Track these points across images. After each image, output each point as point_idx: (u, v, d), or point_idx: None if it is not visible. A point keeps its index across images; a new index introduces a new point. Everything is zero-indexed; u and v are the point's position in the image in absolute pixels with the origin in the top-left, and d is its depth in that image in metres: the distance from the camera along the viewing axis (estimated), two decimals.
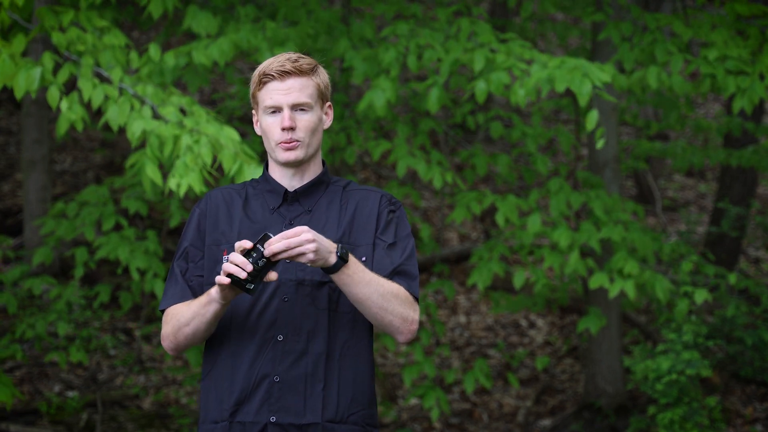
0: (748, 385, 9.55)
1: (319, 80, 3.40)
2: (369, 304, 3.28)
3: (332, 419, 3.34)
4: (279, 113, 3.36)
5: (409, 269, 3.39)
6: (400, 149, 7.46)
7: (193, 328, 3.32)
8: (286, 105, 3.35)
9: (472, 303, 11.00)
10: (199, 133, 5.58)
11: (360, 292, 3.26)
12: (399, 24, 7.24)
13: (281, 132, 3.36)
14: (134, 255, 7.21)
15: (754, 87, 6.95)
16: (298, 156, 3.38)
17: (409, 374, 7.84)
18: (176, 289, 3.40)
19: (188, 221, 3.48)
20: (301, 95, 3.35)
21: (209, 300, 3.26)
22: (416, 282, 3.39)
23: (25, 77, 5.45)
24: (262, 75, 3.37)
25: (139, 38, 14.15)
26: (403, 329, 3.34)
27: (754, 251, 11.89)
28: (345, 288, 3.27)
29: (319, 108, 3.40)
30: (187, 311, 3.31)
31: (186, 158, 5.47)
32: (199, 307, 3.28)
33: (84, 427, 8.55)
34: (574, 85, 6.34)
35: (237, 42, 6.65)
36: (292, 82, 3.35)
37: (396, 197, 7.92)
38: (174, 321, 3.35)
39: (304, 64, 3.37)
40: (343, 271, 3.23)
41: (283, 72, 3.34)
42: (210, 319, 3.29)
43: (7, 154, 12.22)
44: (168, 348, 3.39)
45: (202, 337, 3.35)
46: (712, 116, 14.41)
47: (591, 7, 8.23)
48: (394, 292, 3.31)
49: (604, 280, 7.41)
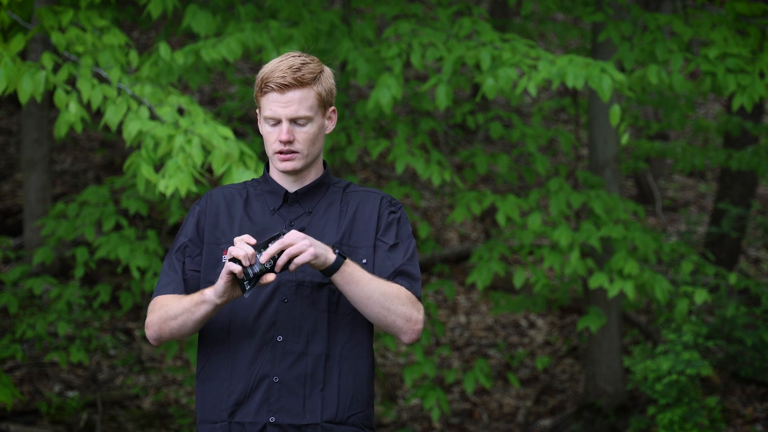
0: (748, 385, 9.55)
1: (321, 89, 3.37)
2: (370, 303, 3.28)
3: (331, 420, 3.34)
4: (278, 125, 3.36)
5: (411, 270, 3.39)
6: (399, 148, 7.46)
7: (179, 323, 3.31)
8: (285, 118, 3.34)
9: (472, 303, 10.99)
10: (192, 133, 5.57)
11: (361, 291, 3.26)
12: (401, 23, 7.24)
13: (279, 143, 3.36)
14: (134, 254, 7.21)
15: (754, 85, 6.95)
16: (296, 167, 3.38)
17: (410, 374, 7.84)
18: (170, 280, 3.40)
19: (187, 218, 3.48)
20: (300, 108, 3.34)
21: (202, 300, 3.25)
22: (418, 283, 3.39)
23: (30, 82, 5.44)
24: (263, 84, 3.35)
25: (139, 38, 14.15)
26: (406, 329, 3.33)
27: (754, 251, 11.89)
28: (346, 287, 3.26)
29: (320, 116, 3.39)
30: (177, 306, 3.31)
31: (178, 159, 5.47)
32: (190, 305, 3.28)
33: (84, 427, 8.55)
34: (593, 81, 6.33)
35: (243, 41, 6.66)
36: (292, 95, 3.33)
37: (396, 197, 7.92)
38: (162, 312, 3.33)
39: (306, 73, 3.34)
40: (344, 270, 3.23)
41: (282, 85, 3.32)
42: (199, 319, 3.29)
43: (7, 154, 12.22)
44: (150, 336, 3.37)
45: (187, 334, 3.34)
46: (712, 116, 14.41)
47: (591, 7, 8.23)
48: (396, 292, 3.31)
49: (604, 280, 7.41)
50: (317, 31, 7.30)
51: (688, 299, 7.81)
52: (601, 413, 8.92)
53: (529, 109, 14.14)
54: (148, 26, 8.62)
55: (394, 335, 3.35)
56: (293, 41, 6.83)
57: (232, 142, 5.61)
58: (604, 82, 6.33)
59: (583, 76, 6.36)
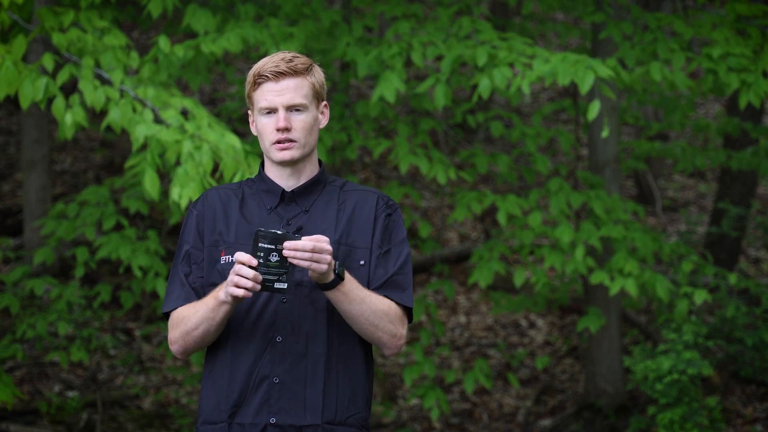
0: (748, 385, 9.55)
1: (314, 80, 3.38)
2: (361, 321, 3.30)
3: (331, 421, 3.34)
4: (274, 114, 3.36)
5: (402, 280, 3.39)
6: (401, 147, 7.46)
7: (202, 331, 3.31)
8: (281, 106, 3.34)
9: (472, 303, 11.00)
10: (201, 139, 5.56)
11: (353, 309, 3.27)
12: (401, 23, 7.24)
13: (276, 132, 3.35)
14: (136, 254, 7.21)
15: (758, 82, 6.95)
16: (294, 156, 3.37)
17: (410, 374, 7.84)
18: (180, 292, 3.39)
19: (185, 223, 3.47)
20: (296, 96, 3.34)
21: (218, 303, 3.25)
22: (409, 292, 3.40)
23: (30, 87, 5.43)
24: (256, 76, 3.36)
25: (139, 38, 14.15)
26: (390, 345, 3.36)
27: (754, 251, 11.89)
28: (338, 305, 3.27)
29: (314, 107, 3.39)
30: (194, 316, 3.30)
31: (187, 165, 5.46)
32: (208, 311, 3.27)
33: (84, 427, 8.55)
34: (577, 77, 6.36)
35: (244, 36, 6.67)
36: (287, 83, 3.34)
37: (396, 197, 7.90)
38: (182, 326, 3.33)
39: (299, 63, 3.35)
40: (339, 289, 3.25)
41: (277, 73, 3.33)
42: (220, 321, 3.29)
43: (7, 154, 12.22)
44: (177, 352, 3.38)
45: (212, 340, 3.35)
46: (712, 117, 14.41)
47: (591, 7, 8.23)
48: (385, 309, 3.33)
49: (605, 278, 7.42)
50: (317, 29, 7.30)
51: (688, 299, 7.81)
52: (601, 413, 8.93)
53: (530, 109, 14.15)
54: (148, 26, 8.62)
55: (378, 347, 3.38)
56: (293, 39, 6.84)
57: (239, 150, 5.60)
58: (586, 78, 6.37)
59: (570, 73, 6.39)
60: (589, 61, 6.45)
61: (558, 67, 6.44)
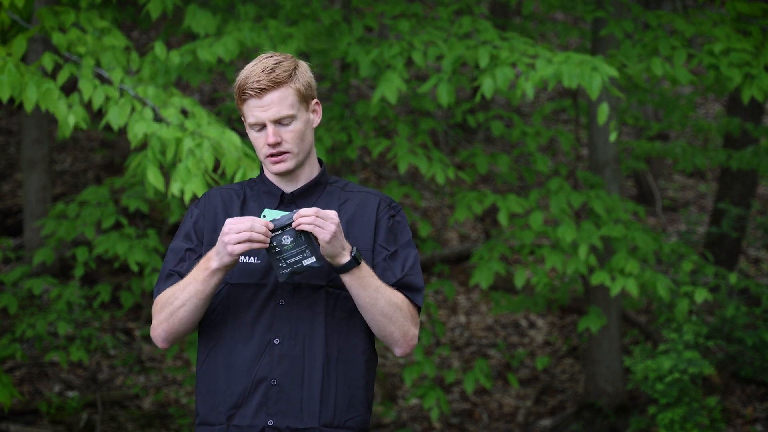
0: (748, 385, 9.55)
1: (299, 84, 3.35)
2: (374, 310, 3.28)
3: (329, 424, 3.33)
4: (263, 129, 3.35)
5: (413, 281, 3.39)
6: (400, 147, 7.46)
7: (190, 308, 3.27)
8: (268, 121, 3.33)
9: (472, 303, 11.00)
10: (201, 136, 5.55)
11: (367, 296, 3.26)
12: (401, 22, 7.24)
13: (268, 147, 3.35)
14: (133, 250, 7.21)
15: (761, 76, 6.93)
16: (289, 167, 3.37)
17: (410, 374, 7.84)
18: (170, 282, 3.37)
19: (185, 219, 3.47)
20: (282, 108, 3.33)
21: (209, 273, 3.23)
22: (421, 294, 3.40)
23: (35, 90, 5.42)
24: (240, 92, 3.34)
25: (139, 38, 14.15)
26: (402, 343, 3.35)
27: (754, 251, 11.89)
28: (353, 290, 3.27)
29: (303, 111, 3.37)
30: (182, 292, 3.28)
31: (188, 162, 5.45)
32: (198, 284, 3.25)
33: (84, 427, 8.55)
34: (583, 80, 6.33)
35: (241, 40, 6.65)
36: (271, 97, 3.32)
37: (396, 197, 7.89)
38: (168, 307, 3.30)
39: (281, 72, 3.32)
40: (354, 272, 3.24)
41: (259, 89, 3.31)
42: (209, 294, 3.26)
43: (7, 154, 12.22)
44: (160, 337, 3.34)
45: (197, 320, 3.31)
46: (712, 117, 14.41)
47: (592, 5, 8.23)
48: (399, 303, 3.32)
49: (606, 278, 7.41)
50: (317, 29, 7.30)
51: (689, 299, 7.81)
52: (601, 413, 8.93)
53: (530, 108, 14.15)
54: (148, 26, 8.62)
55: (389, 345, 3.36)
56: (292, 40, 6.83)
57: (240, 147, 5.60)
58: (594, 81, 6.33)
59: (576, 76, 6.36)
60: (594, 62, 6.43)
61: (562, 68, 6.40)
